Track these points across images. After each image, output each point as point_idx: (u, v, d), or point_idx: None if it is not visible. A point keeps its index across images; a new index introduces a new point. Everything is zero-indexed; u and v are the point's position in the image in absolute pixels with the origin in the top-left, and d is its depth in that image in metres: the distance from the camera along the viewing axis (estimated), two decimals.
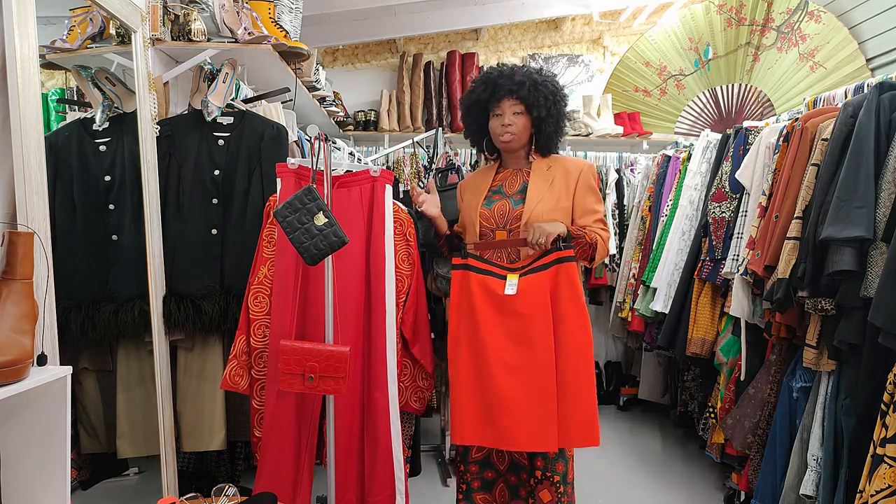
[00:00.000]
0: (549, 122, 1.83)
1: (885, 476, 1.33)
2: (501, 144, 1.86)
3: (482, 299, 1.72)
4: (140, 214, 1.95)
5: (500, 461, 1.88)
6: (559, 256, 1.68)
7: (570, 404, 1.64)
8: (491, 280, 1.74)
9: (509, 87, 1.79)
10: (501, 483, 1.88)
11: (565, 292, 1.67)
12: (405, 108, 4.13)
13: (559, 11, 4.03)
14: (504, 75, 1.81)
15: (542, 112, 1.80)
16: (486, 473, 1.88)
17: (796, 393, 1.95)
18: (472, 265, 1.76)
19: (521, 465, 1.84)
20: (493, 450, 1.86)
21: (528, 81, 1.79)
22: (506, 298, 1.70)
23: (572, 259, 1.68)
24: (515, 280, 1.71)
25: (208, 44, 2.15)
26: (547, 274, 1.69)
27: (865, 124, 1.65)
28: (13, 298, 1.18)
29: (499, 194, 1.88)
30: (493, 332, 1.70)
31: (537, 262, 1.72)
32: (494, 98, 1.81)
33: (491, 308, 1.71)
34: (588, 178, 1.84)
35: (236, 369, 1.84)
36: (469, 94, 1.89)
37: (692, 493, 2.61)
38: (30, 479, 1.25)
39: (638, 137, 4.05)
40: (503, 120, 1.82)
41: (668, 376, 3.47)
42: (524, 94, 1.78)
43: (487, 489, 1.89)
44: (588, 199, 1.82)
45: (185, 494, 1.70)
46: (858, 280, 1.59)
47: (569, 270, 1.68)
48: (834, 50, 3.79)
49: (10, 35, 1.28)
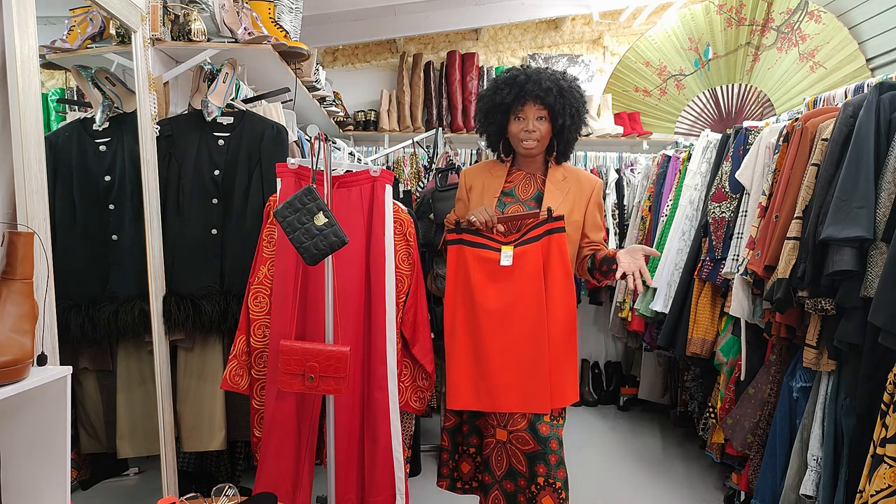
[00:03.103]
0: (572, 129, 1.83)
1: (885, 476, 1.33)
2: (523, 150, 1.83)
3: (478, 270, 1.79)
4: (140, 214, 1.95)
5: (499, 465, 1.84)
6: (550, 227, 1.75)
7: (559, 366, 1.75)
8: (486, 252, 1.79)
9: (536, 92, 1.74)
10: (497, 490, 1.83)
11: (555, 261, 1.75)
12: (405, 108, 4.13)
13: (559, 11, 4.03)
14: (531, 80, 1.76)
15: (567, 120, 1.79)
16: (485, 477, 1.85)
17: (796, 393, 1.95)
18: (467, 239, 1.81)
19: (519, 472, 1.80)
20: (493, 452, 1.84)
21: (555, 88, 1.75)
22: (501, 269, 1.77)
23: (562, 230, 1.75)
24: (510, 251, 1.77)
25: (208, 44, 2.15)
26: (539, 244, 1.76)
27: (865, 124, 1.65)
28: (13, 298, 1.18)
29: (511, 197, 1.87)
30: (489, 300, 1.77)
31: (530, 234, 1.77)
32: (518, 101, 1.77)
33: (486, 278, 1.78)
34: (599, 196, 1.91)
35: (236, 369, 1.84)
36: (491, 94, 1.82)
37: (692, 493, 2.61)
38: (30, 479, 1.25)
39: (638, 137, 4.05)
40: (527, 126, 1.78)
41: (668, 376, 3.47)
42: (551, 102, 1.75)
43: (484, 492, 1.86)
44: (598, 215, 1.90)
45: (185, 494, 1.70)
46: (858, 280, 1.59)
47: (559, 240, 1.75)
48: (834, 50, 3.79)
49: (10, 35, 1.28)
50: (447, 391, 1.81)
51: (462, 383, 1.78)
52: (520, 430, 1.78)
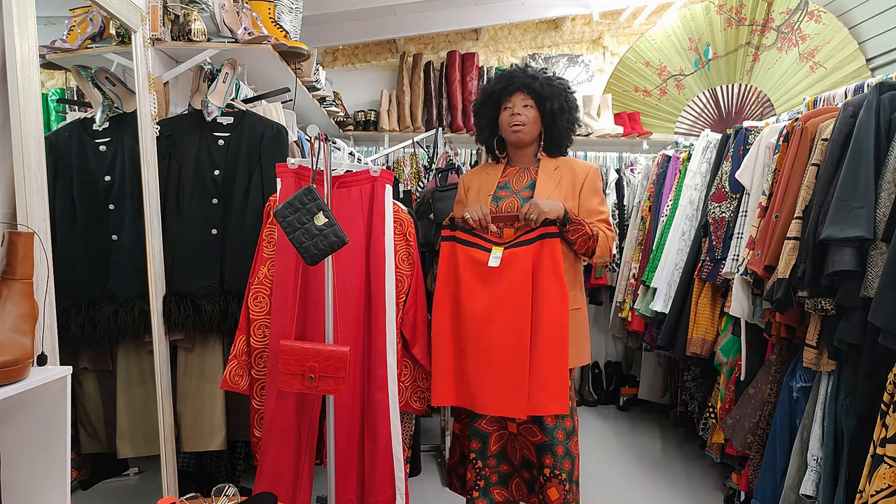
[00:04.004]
0: (562, 118, 1.88)
1: (885, 476, 1.33)
2: (512, 137, 1.89)
3: (467, 269, 1.80)
4: (140, 214, 1.95)
5: (514, 456, 1.89)
6: (544, 232, 1.75)
7: (543, 374, 1.71)
8: (476, 252, 1.81)
9: (523, 79, 1.87)
10: (517, 478, 1.89)
11: (547, 266, 1.74)
12: (405, 108, 4.13)
13: (559, 11, 4.03)
14: (519, 69, 1.90)
15: (554, 105, 1.85)
16: (503, 467, 1.89)
17: (796, 393, 1.95)
18: (460, 237, 1.83)
19: (532, 462, 1.84)
20: (507, 443, 1.87)
21: (540, 77, 1.87)
22: (489, 270, 1.77)
23: (557, 235, 1.75)
24: (500, 253, 1.78)
25: (208, 44, 2.15)
26: (531, 248, 1.76)
27: (865, 124, 1.65)
28: (13, 298, 1.18)
29: (506, 190, 1.91)
30: (475, 300, 1.77)
31: (524, 237, 1.77)
32: (507, 91, 1.88)
33: (474, 278, 1.79)
34: (594, 181, 1.89)
35: (236, 369, 1.84)
36: (483, 89, 1.96)
37: (692, 493, 2.61)
38: (30, 479, 1.25)
39: (638, 137, 4.05)
40: (513, 110, 1.87)
41: (668, 376, 3.47)
42: (537, 88, 1.85)
43: (504, 483, 1.89)
44: (593, 200, 1.87)
45: (185, 494, 1.70)
46: (858, 280, 1.59)
47: (552, 246, 1.74)
48: (834, 50, 3.79)
49: (10, 35, 1.28)
50: (431, 386, 1.83)
51: (444, 379, 1.80)
52: (526, 423, 1.80)
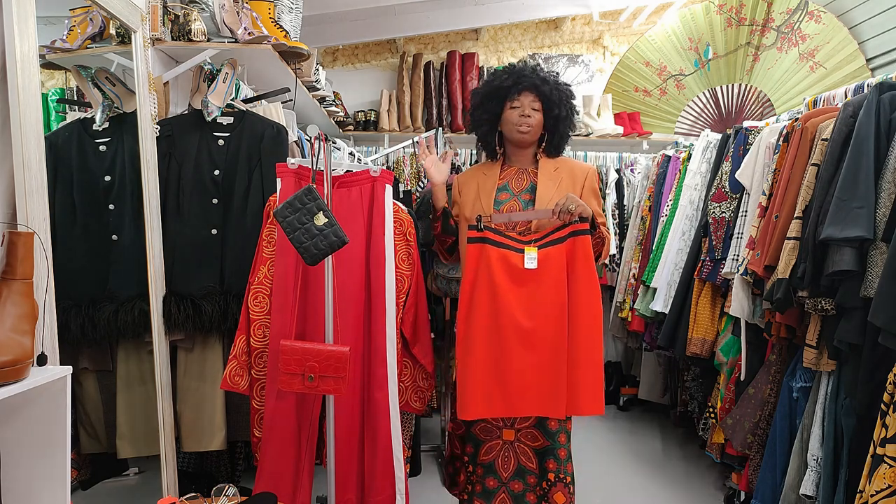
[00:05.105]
0: (565, 123, 1.87)
1: (885, 476, 1.33)
2: (517, 136, 1.85)
3: (501, 272, 1.73)
4: (140, 214, 1.95)
5: (506, 466, 1.83)
6: (575, 229, 1.72)
7: (580, 374, 1.70)
8: (510, 254, 1.75)
9: (533, 81, 1.82)
10: (503, 493, 1.83)
11: (581, 265, 1.72)
12: (405, 108, 4.13)
13: (559, 11, 4.03)
14: (529, 68, 1.86)
15: (562, 111, 1.84)
16: (489, 481, 1.83)
17: (796, 393, 1.95)
18: (490, 238, 1.75)
19: (529, 469, 1.81)
20: (499, 454, 1.84)
21: (550, 80, 1.85)
22: (526, 271, 1.73)
23: (588, 232, 1.72)
24: (534, 253, 1.74)
25: (208, 44, 2.15)
26: (564, 246, 1.73)
27: (865, 124, 1.65)
28: (13, 298, 1.18)
29: (506, 192, 1.88)
30: (511, 304, 1.72)
31: (554, 235, 1.74)
32: (515, 89, 1.83)
33: (509, 281, 1.74)
34: (593, 183, 1.88)
35: (236, 369, 1.84)
36: (489, 80, 1.89)
37: (692, 493, 2.61)
38: (30, 479, 1.25)
39: (638, 137, 4.05)
40: (522, 111, 1.83)
41: (668, 376, 3.47)
42: (546, 91, 1.82)
43: (487, 499, 1.83)
44: (592, 202, 1.86)
45: (185, 494, 1.70)
46: (858, 280, 1.59)
47: (584, 243, 1.72)
48: (834, 50, 3.79)
49: (10, 35, 1.28)
50: (458, 400, 1.75)
51: (475, 392, 1.71)
52: (528, 427, 1.78)
